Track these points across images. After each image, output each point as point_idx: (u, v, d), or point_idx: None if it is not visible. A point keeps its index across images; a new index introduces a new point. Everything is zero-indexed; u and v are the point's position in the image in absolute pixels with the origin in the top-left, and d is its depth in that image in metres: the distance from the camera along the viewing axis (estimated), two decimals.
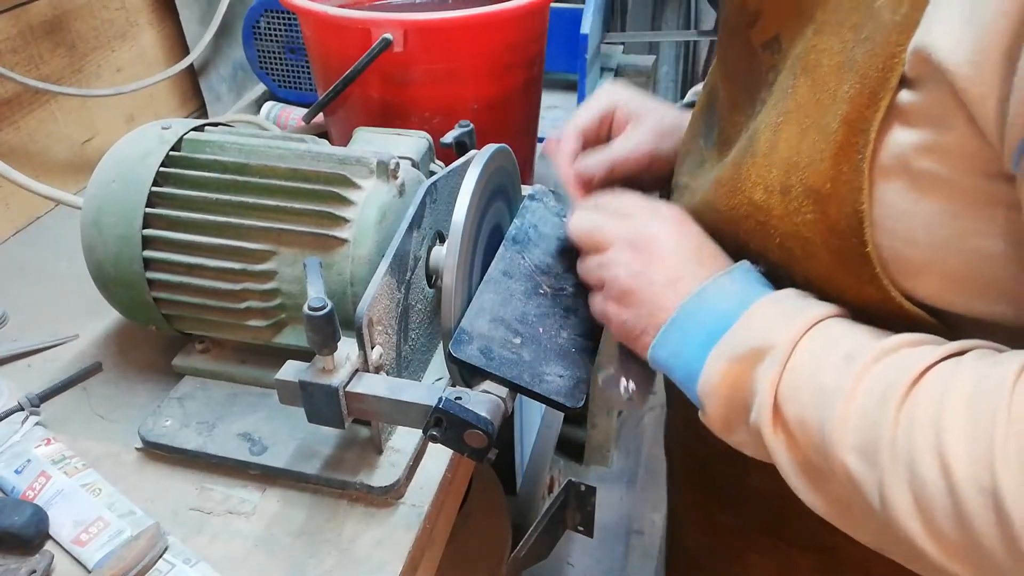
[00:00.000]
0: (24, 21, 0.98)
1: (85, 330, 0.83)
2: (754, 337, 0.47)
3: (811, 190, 0.46)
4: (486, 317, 0.63)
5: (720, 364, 0.48)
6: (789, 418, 0.45)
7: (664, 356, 0.52)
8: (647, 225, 0.56)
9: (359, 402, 0.59)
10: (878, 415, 0.41)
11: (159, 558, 0.59)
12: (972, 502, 0.37)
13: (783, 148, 0.48)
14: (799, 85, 0.48)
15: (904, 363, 0.42)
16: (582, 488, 1.42)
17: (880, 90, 0.42)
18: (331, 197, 0.67)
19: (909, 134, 0.42)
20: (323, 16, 0.88)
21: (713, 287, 0.51)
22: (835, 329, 0.47)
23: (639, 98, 0.70)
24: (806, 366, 0.45)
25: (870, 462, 0.41)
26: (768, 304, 0.49)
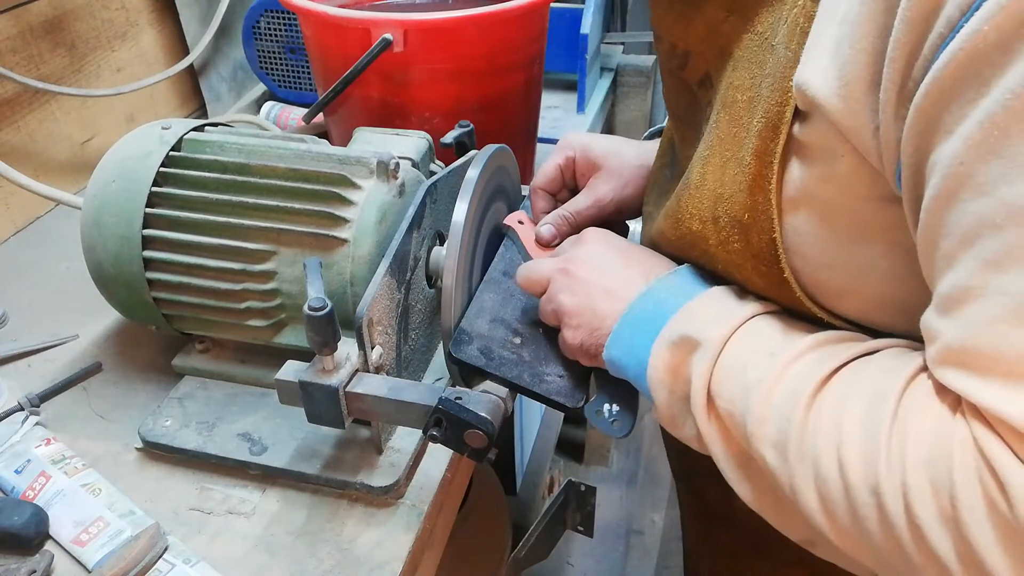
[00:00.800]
0: (24, 21, 0.98)
1: (85, 330, 0.83)
2: (690, 329, 0.50)
3: (735, 220, 0.48)
4: (486, 317, 0.63)
5: (662, 352, 0.51)
6: (721, 409, 0.48)
7: (618, 355, 0.54)
8: (573, 252, 0.60)
9: (359, 402, 0.59)
10: (790, 413, 0.43)
11: (159, 558, 0.59)
12: (862, 500, 0.40)
13: (710, 180, 0.50)
14: (720, 119, 0.49)
15: (817, 363, 0.45)
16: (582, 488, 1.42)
17: (779, 123, 0.44)
18: (331, 197, 0.67)
19: (806, 166, 0.44)
20: (323, 16, 0.88)
21: (659, 285, 0.54)
22: (764, 326, 0.49)
23: (598, 142, 0.72)
24: (734, 362, 0.48)
25: (783, 458, 0.44)
26: (707, 299, 0.52)
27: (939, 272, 0.38)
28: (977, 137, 0.34)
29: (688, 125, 0.57)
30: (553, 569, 1.81)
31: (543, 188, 0.72)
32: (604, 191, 0.69)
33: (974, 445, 0.36)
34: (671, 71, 0.57)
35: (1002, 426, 0.35)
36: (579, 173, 0.72)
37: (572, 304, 0.57)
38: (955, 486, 0.36)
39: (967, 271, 0.36)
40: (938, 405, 0.39)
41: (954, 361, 0.37)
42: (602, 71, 1.47)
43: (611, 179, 0.69)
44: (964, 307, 0.36)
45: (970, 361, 0.36)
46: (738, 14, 0.48)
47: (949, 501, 0.36)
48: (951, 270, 0.37)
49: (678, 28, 0.53)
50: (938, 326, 0.38)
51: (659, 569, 1.82)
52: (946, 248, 0.37)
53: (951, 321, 0.37)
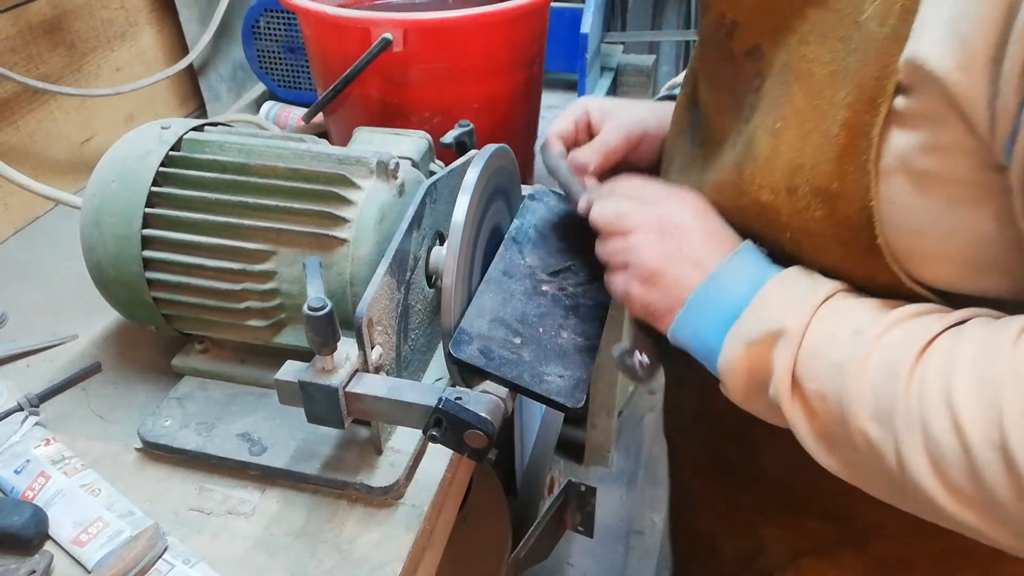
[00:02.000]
0: (24, 21, 0.98)
1: (84, 330, 0.83)
2: (768, 320, 0.50)
3: (819, 189, 0.49)
4: (486, 317, 0.63)
5: (738, 346, 0.51)
6: (808, 392, 0.48)
7: (684, 336, 0.55)
8: (672, 211, 0.58)
9: (359, 402, 0.59)
10: (891, 384, 0.44)
11: (159, 558, 0.59)
12: (984, 457, 0.40)
13: (786, 151, 0.50)
14: (794, 92, 0.50)
15: (910, 334, 0.46)
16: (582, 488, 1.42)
17: (878, 97, 0.45)
18: (331, 197, 0.66)
19: (908, 136, 0.45)
20: (323, 16, 0.88)
21: (724, 271, 0.54)
22: (843, 305, 0.50)
23: (609, 101, 0.74)
24: (819, 345, 0.48)
25: (887, 428, 0.44)
26: (777, 286, 0.52)
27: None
28: None
29: (728, 93, 0.57)
30: (553, 569, 1.81)
31: (558, 135, 0.72)
32: (626, 121, 0.70)
33: None
34: (716, 41, 0.57)
35: None
36: (594, 122, 0.73)
37: (656, 263, 0.56)
38: None
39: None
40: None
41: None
42: (602, 71, 1.47)
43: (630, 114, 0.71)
44: None
45: None
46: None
47: None
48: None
49: None
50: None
51: (659, 569, 1.82)
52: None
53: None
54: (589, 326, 0.66)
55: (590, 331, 0.65)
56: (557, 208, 0.74)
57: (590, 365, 0.63)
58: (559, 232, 0.72)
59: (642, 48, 1.76)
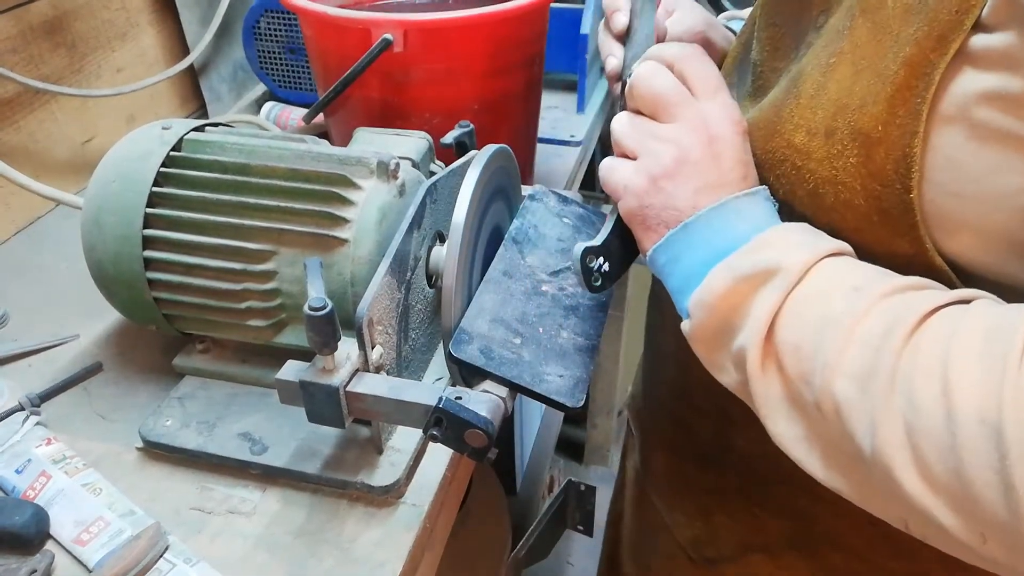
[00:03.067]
0: (24, 21, 0.98)
1: (85, 330, 0.83)
2: (766, 259, 0.46)
3: (859, 132, 0.45)
4: (486, 317, 0.63)
5: (724, 279, 0.47)
6: (783, 342, 0.44)
7: (665, 258, 0.51)
8: (718, 121, 0.52)
9: (359, 402, 0.59)
10: (881, 344, 0.41)
11: (159, 558, 0.59)
12: (969, 432, 0.36)
13: (833, 89, 0.47)
14: (857, 26, 0.46)
15: (914, 301, 0.42)
16: (582, 488, 1.42)
17: (951, 33, 0.41)
18: (331, 197, 0.67)
19: (978, 79, 0.41)
20: (323, 16, 0.88)
21: (733, 204, 0.50)
22: (847, 263, 0.46)
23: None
24: (813, 291, 0.45)
25: (864, 390, 0.40)
26: (783, 230, 0.48)
27: None
28: None
29: (788, 34, 0.54)
30: (553, 569, 1.81)
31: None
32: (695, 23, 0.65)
33: None
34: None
35: None
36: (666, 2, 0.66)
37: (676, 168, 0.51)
38: None
39: None
40: None
41: None
42: (602, 71, 1.47)
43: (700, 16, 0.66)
44: None
45: None
46: None
47: None
48: None
49: None
50: None
51: None
52: None
53: None
54: (589, 326, 0.66)
55: (590, 331, 0.66)
56: (557, 208, 0.74)
57: (590, 365, 0.63)
58: (559, 232, 0.72)
59: None
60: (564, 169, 1.16)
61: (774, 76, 0.55)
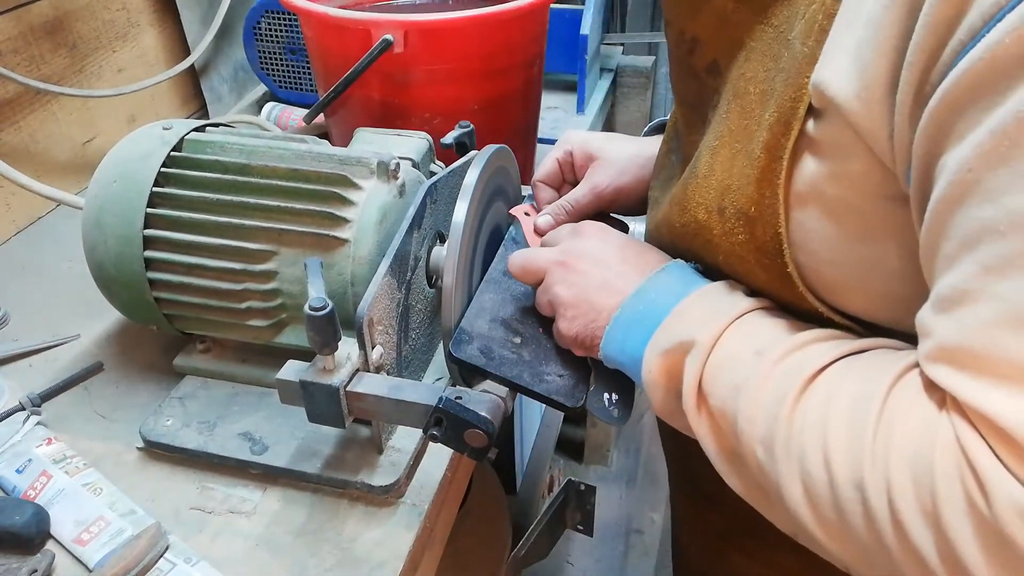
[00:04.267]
0: (25, 21, 0.99)
1: (86, 330, 0.84)
2: (682, 332, 0.50)
3: (741, 212, 0.48)
4: (486, 317, 0.63)
5: (655, 356, 0.51)
6: (712, 407, 0.48)
7: (613, 352, 0.55)
8: (570, 244, 0.60)
9: (360, 402, 0.59)
10: (776, 410, 0.44)
11: (160, 557, 0.59)
12: (846, 495, 0.40)
13: (718, 171, 0.50)
14: (731, 110, 0.50)
15: (804, 362, 0.45)
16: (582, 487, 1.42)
17: (791, 119, 0.44)
18: (332, 197, 0.67)
19: (818, 163, 0.44)
20: (324, 17, 0.88)
21: (650, 285, 0.55)
22: (754, 323, 0.49)
23: (595, 136, 0.73)
24: (723, 361, 0.48)
25: (770, 454, 0.44)
26: (697, 299, 0.52)
27: (939, 272, 0.38)
28: (987, 145, 0.34)
29: (694, 111, 0.57)
30: (553, 568, 1.81)
31: (543, 181, 0.73)
32: (601, 179, 0.70)
33: (956, 444, 0.36)
34: (679, 57, 0.57)
35: (985, 424, 0.35)
36: (577, 166, 0.72)
37: (568, 296, 0.58)
38: (936, 483, 0.36)
39: (966, 274, 0.36)
40: (925, 402, 0.39)
41: (946, 358, 0.38)
42: (602, 72, 1.48)
43: (608, 168, 0.70)
44: (960, 308, 0.37)
45: (961, 359, 0.37)
46: (747, 4, 0.48)
47: (930, 498, 0.37)
48: (951, 271, 0.37)
49: (687, 14, 0.53)
50: (933, 323, 0.39)
51: (659, 568, 1.83)
52: (948, 250, 0.37)
53: (947, 320, 0.38)
54: None
55: None
56: None
57: (590, 365, 0.63)
58: None
59: (641, 49, 1.76)
60: None
61: (691, 150, 0.58)
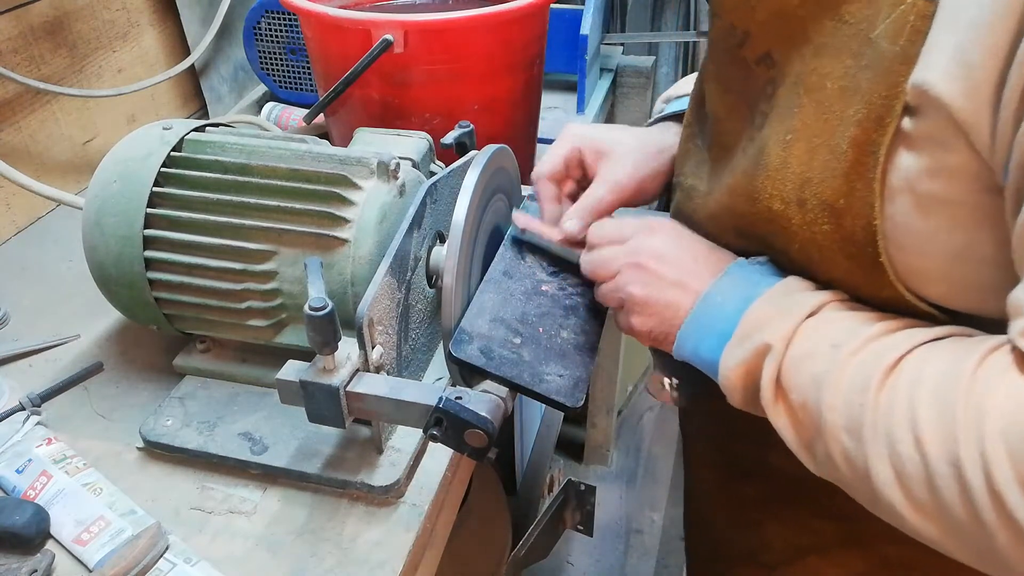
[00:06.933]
0: (25, 22, 0.99)
1: (86, 330, 0.84)
2: (755, 338, 0.53)
3: (826, 204, 0.50)
4: (486, 317, 0.63)
5: (732, 362, 0.54)
6: (792, 401, 0.51)
7: (687, 353, 0.58)
8: (643, 243, 0.61)
9: (360, 402, 0.59)
10: (861, 398, 0.47)
11: (160, 557, 0.59)
12: (940, 472, 0.43)
13: (795, 164, 0.51)
14: (804, 105, 0.51)
15: (884, 349, 0.48)
16: (582, 487, 1.42)
17: (886, 116, 0.46)
18: (332, 197, 0.67)
19: (914, 158, 0.46)
20: (324, 17, 0.88)
21: (714, 291, 0.57)
22: (827, 318, 0.52)
23: (601, 131, 0.72)
24: (799, 358, 0.51)
25: (857, 439, 0.47)
26: (765, 304, 0.54)
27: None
28: None
29: (741, 98, 0.58)
30: (553, 568, 1.81)
31: (549, 178, 0.71)
32: (621, 175, 0.69)
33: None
34: (727, 48, 0.58)
35: None
36: (588, 163, 0.71)
37: (643, 295, 0.60)
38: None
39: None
40: (1016, 377, 0.42)
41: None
42: (602, 72, 1.48)
43: (624, 163, 0.70)
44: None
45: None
46: (816, 1, 0.50)
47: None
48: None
49: (741, 8, 0.55)
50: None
51: (659, 568, 1.83)
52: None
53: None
54: (589, 326, 0.66)
55: (590, 331, 0.66)
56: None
57: (590, 365, 0.64)
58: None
59: (641, 49, 1.76)
60: None
61: (733, 135, 0.59)
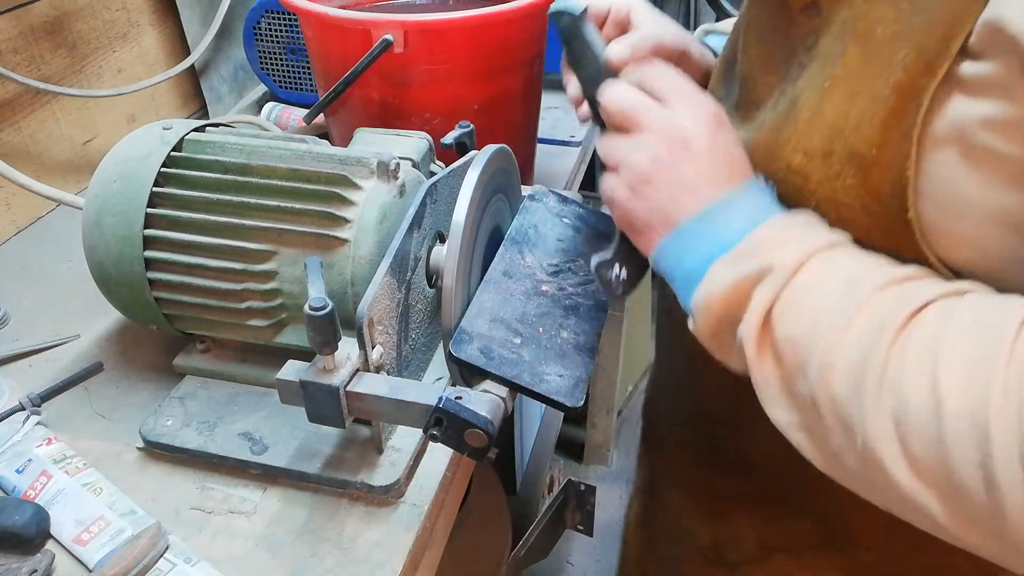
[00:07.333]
0: (25, 22, 0.99)
1: (86, 330, 0.84)
2: (760, 256, 0.47)
3: (854, 155, 0.46)
4: (486, 317, 0.63)
5: (722, 278, 0.48)
6: (778, 337, 0.46)
7: (668, 260, 0.52)
8: (685, 119, 0.53)
9: (360, 401, 0.59)
10: (873, 339, 0.41)
11: (160, 557, 0.59)
12: (955, 428, 0.38)
13: (829, 112, 0.48)
14: (849, 51, 0.47)
15: (907, 295, 0.43)
16: (582, 487, 1.43)
17: (938, 59, 0.42)
18: (332, 197, 0.67)
19: (972, 105, 0.42)
20: (324, 17, 0.88)
21: (725, 204, 0.51)
22: (844, 254, 0.47)
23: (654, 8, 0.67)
24: (805, 289, 0.45)
25: (857, 387, 0.41)
26: (777, 225, 0.49)
27: None
28: None
29: (777, 51, 0.55)
30: (553, 568, 1.81)
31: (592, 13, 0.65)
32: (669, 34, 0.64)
33: None
34: None
35: None
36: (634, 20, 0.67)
37: (651, 173, 0.52)
38: None
39: None
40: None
41: None
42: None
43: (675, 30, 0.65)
44: None
45: None
46: None
47: None
48: None
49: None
50: None
51: None
52: None
53: None
54: (589, 326, 0.66)
55: (590, 331, 0.66)
56: (557, 208, 0.75)
57: (590, 365, 0.64)
58: (559, 232, 0.72)
59: None
60: (564, 169, 1.17)
61: (765, 90, 0.56)
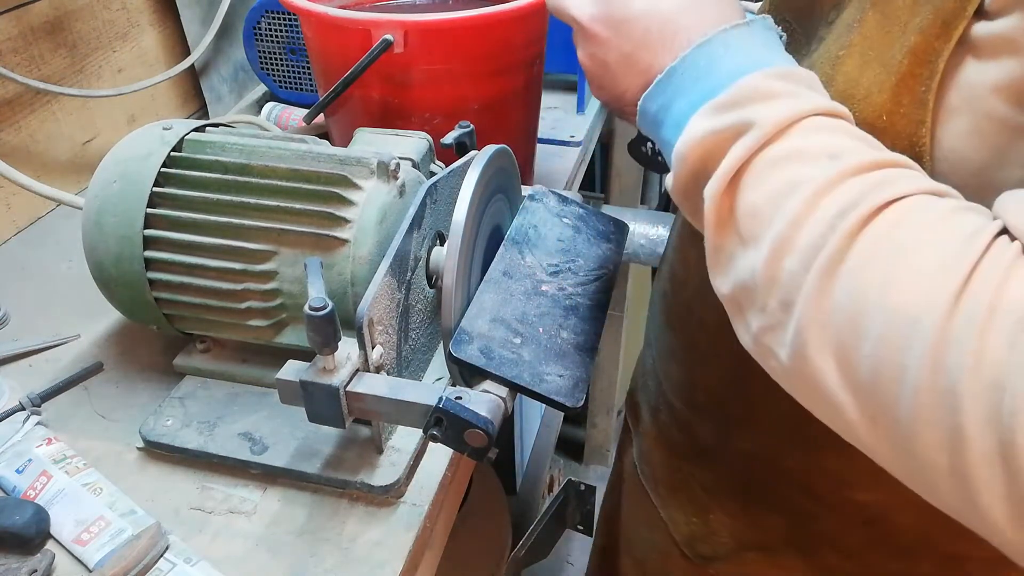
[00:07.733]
0: (25, 22, 0.99)
1: (86, 330, 0.84)
2: (741, 112, 0.42)
3: (864, 123, 0.43)
4: (486, 317, 0.63)
5: (698, 131, 0.43)
6: (740, 202, 0.41)
7: (655, 108, 0.47)
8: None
9: (360, 402, 0.59)
10: (837, 223, 0.37)
11: (160, 557, 0.59)
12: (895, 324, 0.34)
13: (840, 81, 0.46)
14: (867, 19, 0.46)
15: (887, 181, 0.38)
16: (582, 487, 1.43)
17: (954, 20, 0.40)
18: (332, 197, 0.67)
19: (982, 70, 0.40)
20: (324, 17, 0.88)
21: (718, 40, 0.45)
22: (834, 125, 0.42)
23: None
24: (785, 155, 0.41)
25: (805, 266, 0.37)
26: (773, 76, 0.43)
27: None
28: None
29: (800, 30, 0.54)
30: (553, 568, 1.81)
31: None
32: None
33: None
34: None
35: None
36: None
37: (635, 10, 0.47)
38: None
39: None
40: None
41: None
42: None
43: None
44: None
45: None
46: None
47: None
48: None
49: None
50: None
51: None
52: None
53: None
54: (589, 326, 0.66)
55: (590, 331, 0.66)
56: (557, 208, 0.75)
57: (590, 365, 0.64)
58: (559, 232, 0.72)
59: None
60: (564, 169, 1.17)
61: None
